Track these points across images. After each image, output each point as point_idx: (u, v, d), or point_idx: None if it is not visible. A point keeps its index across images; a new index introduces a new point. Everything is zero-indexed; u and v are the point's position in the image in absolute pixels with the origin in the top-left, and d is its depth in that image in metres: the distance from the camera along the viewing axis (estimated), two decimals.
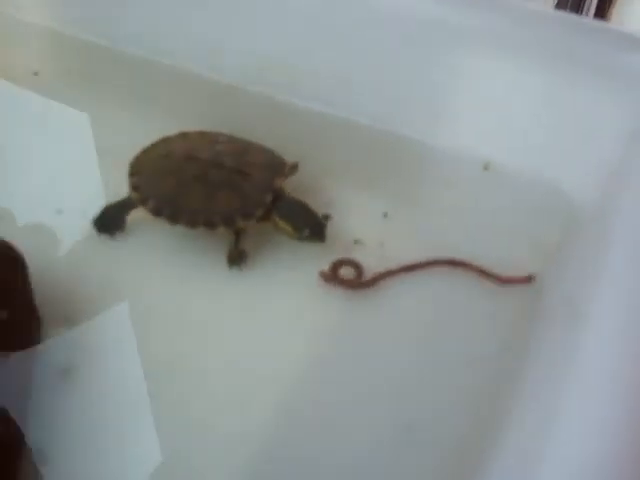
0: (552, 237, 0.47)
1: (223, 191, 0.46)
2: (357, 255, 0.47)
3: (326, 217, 0.49)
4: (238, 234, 0.47)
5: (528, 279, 0.45)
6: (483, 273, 0.46)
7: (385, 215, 0.50)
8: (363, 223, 0.50)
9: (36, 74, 0.61)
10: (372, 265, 0.46)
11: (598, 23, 0.58)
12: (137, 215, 0.48)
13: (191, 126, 0.51)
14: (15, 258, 0.40)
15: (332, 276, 0.46)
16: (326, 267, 0.46)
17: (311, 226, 0.46)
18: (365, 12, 0.51)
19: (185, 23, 0.58)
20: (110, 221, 0.49)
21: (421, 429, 0.39)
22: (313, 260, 0.46)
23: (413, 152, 0.53)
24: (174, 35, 0.59)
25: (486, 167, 0.52)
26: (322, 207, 0.50)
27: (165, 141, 0.51)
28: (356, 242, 0.49)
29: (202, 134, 0.51)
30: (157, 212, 0.46)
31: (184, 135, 0.51)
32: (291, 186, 0.49)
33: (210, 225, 0.45)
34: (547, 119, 0.49)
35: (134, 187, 0.48)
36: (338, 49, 0.53)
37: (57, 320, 0.42)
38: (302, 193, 0.50)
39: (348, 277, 0.46)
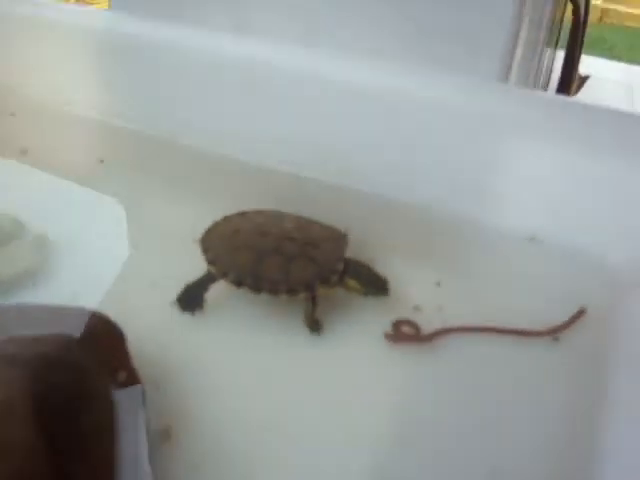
0: (598, 303, 0.51)
1: (299, 261, 0.50)
2: (417, 320, 0.51)
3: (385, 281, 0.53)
4: (314, 300, 0.50)
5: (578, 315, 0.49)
6: (532, 333, 0.49)
7: (438, 284, 0.54)
8: (419, 292, 0.53)
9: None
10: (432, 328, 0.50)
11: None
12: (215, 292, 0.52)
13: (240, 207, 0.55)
14: (119, 333, 0.43)
15: (396, 335, 0.50)
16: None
17: (376, 282, 0.51)
18: (419, 104, 0.56)
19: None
20: (191, 299, 0.52)
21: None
22: (378, 324, 0.50)
23: (462, 228, 0.58)
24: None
25: (532, 239, 0.56)
26: None
27: (227, 219, 0.55)
28: (415, 308, 0.52)
29: (259, 212, 0.55)
30: (239, 283, 0.50)
31: (243, 214, 0.55)
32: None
33: (292, 292, 0.49)
34: (589, 196, 0.54)
35: (211, 262, 0.51)
36: (393, 138, 0.58)
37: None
38: None
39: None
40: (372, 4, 0.59)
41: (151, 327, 0.50)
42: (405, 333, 0.50)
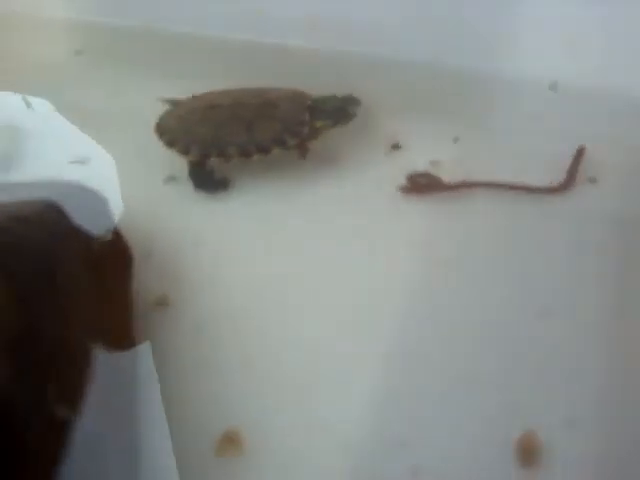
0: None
1: (260, 121, 0.47)
2: (436, 172, 0.46)
3: (396, 145, 0.49)
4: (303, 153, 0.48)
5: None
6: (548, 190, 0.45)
7: (456, 140, 0.49)
8: (437, 148, 0.48)
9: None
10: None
11: None
12: None
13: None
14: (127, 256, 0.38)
15: (410, 187, 0.45)
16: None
17: (343, 109, 0.49)
18: None
19: None
20: (204, 182, 0.48)
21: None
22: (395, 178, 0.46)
23: (478, 81, 0.52)
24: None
25: (552, 86, 0.51)
26: (394, 136, 0.49)
27: (179, 103, 0.50)
28: (432, 163, 0.47)
29: (212, 92, 0.50)
30: (205, 156, 0.46)
31: (195, 96, 0.50)
32: (362, 123, 0.49)
33: (263, 150, 0.46)
34: (610, 34, 0.49)
35: (169, 144, 0.47)
36: None
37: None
38: (373, 128, 0.50)
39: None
40: None
41: (145, 203, 0.45)
42: (420, 184, 0.45)
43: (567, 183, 0.45)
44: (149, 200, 0.45)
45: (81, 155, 0.49)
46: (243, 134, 0.46)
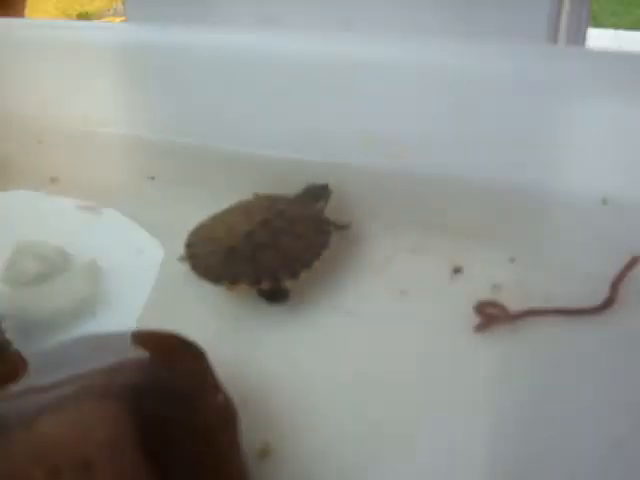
0: None
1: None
2: (499, 298, 0.48)
3: (458, 269, 0.51)
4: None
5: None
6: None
7: (512, 260, 0.52)
8: (495, 270, 0.51)
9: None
10: (514, 307, 0.47)
11: None
12: None
13: None
14: (200, 352, 0.41)
15: (484, 323, 0.47)
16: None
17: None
18: (471, 76, 0.54)
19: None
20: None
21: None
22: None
23: (530, 199, 0.55)
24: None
25: (604, 202, 0.54)
26: (452, 260, 0.52)
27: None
28: (494, 287, 0.50)
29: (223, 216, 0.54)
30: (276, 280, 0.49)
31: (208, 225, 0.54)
32: (413, 244, 0.53)
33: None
34: None
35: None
36: (453, 113, 0.56)
37: None
38: (426, 254, 0.53)
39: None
40: None
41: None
42: (489, 314, 0.48)
43: (610, 299, 0.47)
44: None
45: None
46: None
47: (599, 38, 3.04)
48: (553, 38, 0.55)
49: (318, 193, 0.56)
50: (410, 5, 0.58)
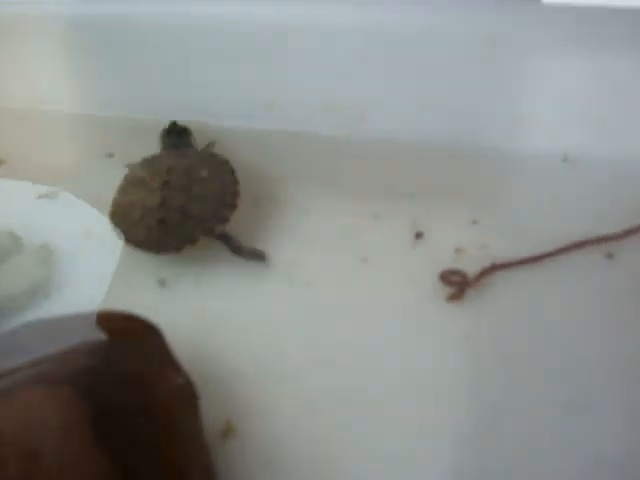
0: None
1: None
2: (462, 261, 0.48)
3: (420, 234, 0.51)
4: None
5: None
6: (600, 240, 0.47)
7: (475, 222, 0.51)
8: (457, 233, 0.50)
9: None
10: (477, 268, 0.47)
11: None
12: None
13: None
14: (157, 332, 0.39)
15: (458, 291, 0.47)
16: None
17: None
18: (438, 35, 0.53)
19: None
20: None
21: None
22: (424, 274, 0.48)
23: (490, 160, 0.55)
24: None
25: (565, 159, 0.53)
26: (413, 226, 0.51)
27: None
28: (457, 251, 0.49)
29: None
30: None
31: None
32: (373, 210, 0.52)
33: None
34: (616, 106, 0.51)
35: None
36: (408, 77, 0.55)
37: None
38: (386, 218, 0.52)
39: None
40: None
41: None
42: (454, 282, 0.47)
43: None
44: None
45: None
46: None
47: None
48: None
49: (182, 142, 0.57)
50: None
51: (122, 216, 0.51)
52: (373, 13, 0.54)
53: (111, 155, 0.61)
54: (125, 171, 0.55)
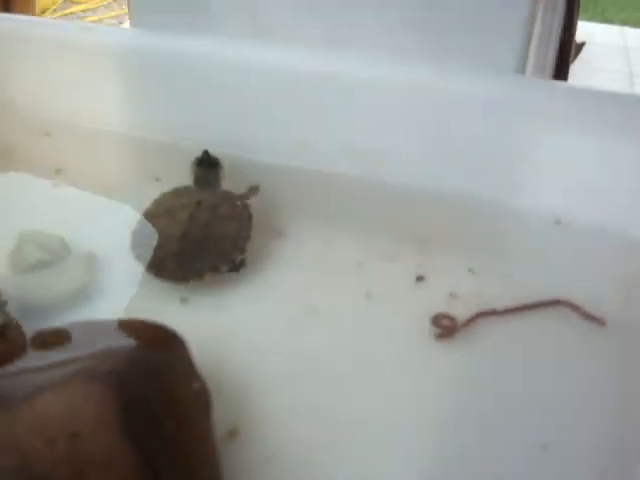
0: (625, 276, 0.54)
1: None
2: (455, 306, 0.54)
3: (421, 277, 0.57)
4: None
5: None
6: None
7: (471, 270, 0.57)
8: (453, 279, 0.56)
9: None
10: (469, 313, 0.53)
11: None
12: None
13: None
14: (181, 342, 0.46)
15: (443, 333, 0.52)
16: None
17: None
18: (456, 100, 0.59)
19: None
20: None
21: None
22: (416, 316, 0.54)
23: (493, 216, 0.61)
24: None
25: (557, 222, 0.59)
26: (417, 269, 0.57)
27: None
28: (451, 295, 0.55)
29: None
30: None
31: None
32: (383, 251, 0.59)
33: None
34: (607, 178, 0.57)
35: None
36: (427, 132, 0.61)
37: None
38: (393, 259, 0.59)
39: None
40: (388, 5, 0.62)
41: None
42: (448, 326, 0.53)
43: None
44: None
45: None
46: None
47: (605, 33, 3.07)
48: (522, 70, 0.60)
49: (213, 176, 0.63)
50: (396, 31, 0.63)
51: (142, 239, 0.58)
52: (397, 75, 0.61)
53: (158, 179, 0.67)
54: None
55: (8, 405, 0.38)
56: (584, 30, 2.54)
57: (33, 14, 1.35)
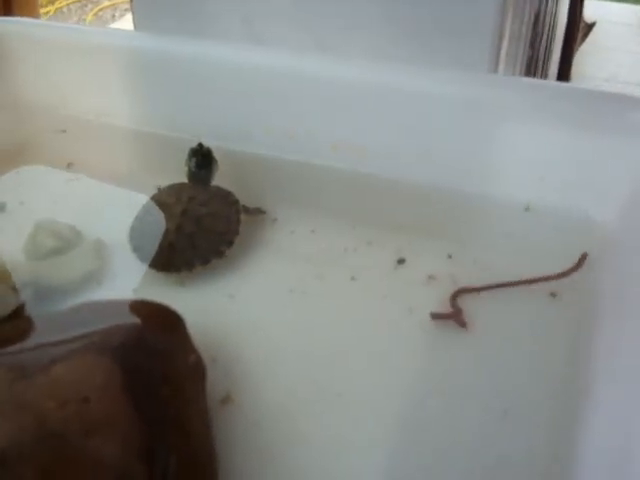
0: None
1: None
2: (432, 287, 0.59)
3: (402, 260, 0.62)
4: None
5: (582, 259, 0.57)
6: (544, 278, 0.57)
7: (449, 257, 0.62)
8: (431, 263, 0.61)
9: None
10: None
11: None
12: None
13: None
14: (179, 319, 0.51)
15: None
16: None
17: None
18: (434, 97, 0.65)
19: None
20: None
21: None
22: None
23: (470, 204, 0.66)
24: None
25: (527, 208, 0.64)
26: (396, 254, 0.63)
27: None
28: (430, 277, 0.60)
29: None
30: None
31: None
32: (366, 236, 0.64)
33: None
34: (572, 166, 0.61)
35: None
36: (407, 127, 0.66)
37: None
38: (376, 244, 0.64)
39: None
40: (362, 8, 0.67)
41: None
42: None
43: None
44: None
45: None
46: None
47: (620, 14, 3.07)
48: (494, 67, 0.65)
49: (205, 174, 0.67)
50: (381, 37, 0.68)
51: (139, 232, 0.64)
52: (378, 74, 0.66)
53: (162, 171, 0.72)
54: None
55: (28, 374, 0.44)
56: (596, 10, 2.55)
57: (35, 10, 1.40)
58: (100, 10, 3.32)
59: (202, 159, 0.67)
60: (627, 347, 0.47)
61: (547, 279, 0.58)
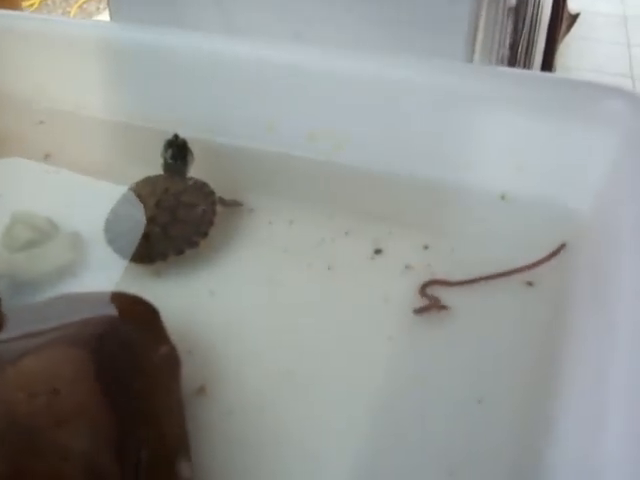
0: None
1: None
2: (409, 277, 0.59)
3: (379, 250, 0.62)
4: None
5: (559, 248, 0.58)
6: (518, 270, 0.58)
7: (426, 247, 0.62)
8: (408, 253, 0.61)
9: None
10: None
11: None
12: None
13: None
14: (153, 311, 0.51)
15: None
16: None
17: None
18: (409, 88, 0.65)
19: None
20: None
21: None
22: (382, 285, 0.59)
23: (445, 194, 0.66)
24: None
25: (503, 198, 0.64)
26: (373, 244, 0.63)
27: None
28: (407, 267, 0.60)
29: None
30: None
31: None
32: (344, 227, 0.64)
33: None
34: (548, 156, 0.62)
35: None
36: (385, 118, 0.66)
37: None
38: (353, 234, 0.64)
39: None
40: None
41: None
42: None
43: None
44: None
45: None
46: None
47: (604, 5, 3.09)
48: (469, 56, 0.65)
49: (181, 165, 0.67)
50: (357, 26, 0.67)
51: (114, 224, 0.63)
52: (355, 65, 0.66)
53: (140, 162, 0.72)
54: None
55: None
56: (583, 1, 2.56)
57: (15, 1, 1.39)
58: (85, 2, 3.30)
59: (177, 150, 0.67)
60: (601, 333, 0.48)
61: (521, 270, 0.58)
